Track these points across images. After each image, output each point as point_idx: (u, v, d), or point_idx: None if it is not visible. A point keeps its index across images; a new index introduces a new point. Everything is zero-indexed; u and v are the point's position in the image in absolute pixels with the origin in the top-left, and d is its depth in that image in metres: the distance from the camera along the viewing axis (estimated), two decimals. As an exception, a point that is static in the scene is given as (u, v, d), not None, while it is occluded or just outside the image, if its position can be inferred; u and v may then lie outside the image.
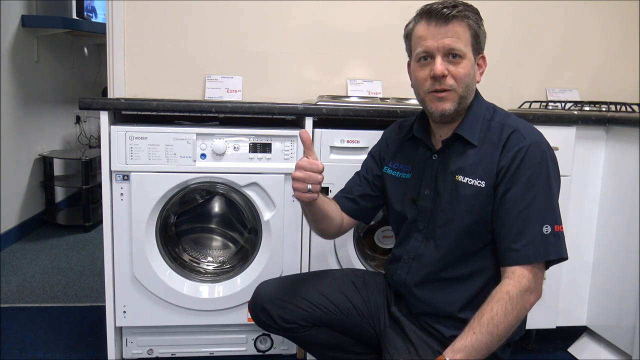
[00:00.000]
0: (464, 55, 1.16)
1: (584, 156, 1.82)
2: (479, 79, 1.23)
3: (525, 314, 1.14)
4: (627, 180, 1.74)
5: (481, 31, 1.20)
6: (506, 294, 1.10)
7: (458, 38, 1.15)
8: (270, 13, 2.13)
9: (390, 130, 1.45)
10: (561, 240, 1.14)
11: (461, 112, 1.22)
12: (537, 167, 1.14)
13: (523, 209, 1.13)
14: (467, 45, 1.17)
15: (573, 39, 2.35)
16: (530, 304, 1.13)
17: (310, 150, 1.20)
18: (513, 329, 1.12)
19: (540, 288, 1.14)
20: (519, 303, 1.10)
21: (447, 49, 1.15)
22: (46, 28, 3.38)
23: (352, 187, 1.42)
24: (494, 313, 1.09)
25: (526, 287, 1.11)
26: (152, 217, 1.64)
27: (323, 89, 2.19)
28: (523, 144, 1.15)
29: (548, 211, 1.14)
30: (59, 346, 1.92)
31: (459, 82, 1.17)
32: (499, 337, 1.09)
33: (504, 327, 1.09)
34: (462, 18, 1.16)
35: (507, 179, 1.15)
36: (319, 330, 1.34)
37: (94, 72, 4.31)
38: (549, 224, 1.13)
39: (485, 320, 1.08)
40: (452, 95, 1.18)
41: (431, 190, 1.26)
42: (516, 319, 1.10)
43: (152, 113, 1.64)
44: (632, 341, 1.70)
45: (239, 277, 1.73)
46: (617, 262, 1.78)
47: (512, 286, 1.11)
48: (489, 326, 1.08)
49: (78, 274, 2.66)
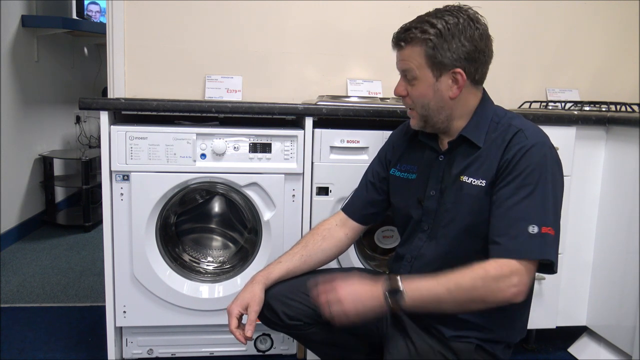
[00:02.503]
0: (417, 77, 1.20)
1: (584, 156, 1.82)
2: (456, 94, 1.20)
3: (492, 302, 1.09)
4: (627, 180, 1.74)
5: (443, 49, 1.16)
6: (483, 271, 1.08)
7: (408, 61, 1.20)
8: (270, 13, 2.13)
9: (397, 132, 1.46)
10: (547, 242, 1.11)
11: (438, 125, 1.24)
12: (534, 167, 1.13)
13: (512, 206, 1.12)
14: (420, 67, 1.19)
15: (573, 39, 2.35)
16: (505, 297, 1.07)
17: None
18: (469, 308, 1.11)
19: (524, 288, 1.09)
20: (491, 285, 1.07)
21: (401, 71, 1.23)
22: (46, 28, 3.38)
23: (360, 195, 1.44)
24: (463, 279, 1.08)
25: (507, 276, 1.07)
26: (152, 217, 1.64)
27: (323, 89, 2.19)
28: (525, 143, 1.15)
29: (538, 212, 1.12)
30: (59, 346, 1.92)
31: (415, 102, 1.23)
32: (453, 302, 1.09)
33: (463, 298, 1.08)
34: (414, 43, 1.18)
35: (504, 176, 1.15)
36: (323, 328, 1.34)
37: (94, 72, 4.31)
38: (536, 224, 1.10)
39: (453, 280, 1.08)
40: (414, 114, 1.26)
41: (437, 191, 1.26)
42: (480, 298, 1.08)
43: (152, 113, 1.64)
44: (632, 341, 1.70)
45: (239, 277, 1.73)
46: (617, 262, 1.78)
47: (493, 268, 1.09)
48: (452, 286, 1.08)
49: (78, 274, 2.66)
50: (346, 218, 1.43)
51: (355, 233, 1.43)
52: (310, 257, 1.37)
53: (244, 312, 1.27)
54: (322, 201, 1.70)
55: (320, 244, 1.39)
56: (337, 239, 1.40)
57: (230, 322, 1.26)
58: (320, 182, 1.70)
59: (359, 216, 1.42)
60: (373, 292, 1.12)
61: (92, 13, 3.62)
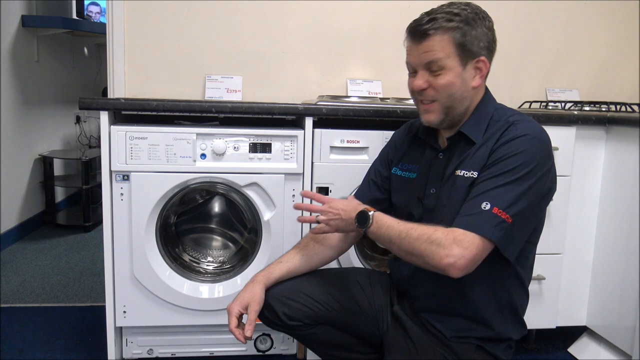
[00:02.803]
0: (444, 67, 1.17)
1: (584, 156, 1.82)
2: (478, 83, 1.22)
3: (429, 265, 1.09)
4: (627, 180, 1.74)
5: (471, 37, 1.17)
6: (432, 232, 1.10)
7: (435, 51, 1.17)
8: (270, 13, 2.13)
9: (399, 131, 1.47)
10: (497, 223, 1.09)
11: (456, 119, 1.23)
12: (512, 155, 1.13)
13: (478, 186, 1.14)
14: (448, 56, 1.17)
15: (573, 39, 2.35)
16: (439, 263, 1.07)
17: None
18: (412, 261, 1.14)
19: (463, 262, 1.06)
20: (431, 248, 1.08)
21: (424, 64, 1.19)
22: (46, 28, 3.38)
23: (363, 194, 1.44)
24: (415, 232, 1.12)
25: (448, 243, 1.07)
26: (152, 217, 1.64)
27: (323, 89, 2.19)
28: (514, 134, 1.16)
29: (498, 194, 1.11)
30: (59, 346, 1.92)
31: (441, 93, 1.20)
32: (399, 248, 1.15)
33: (407, 247, 1.13)
34: (442, 31, 1.16)
35: (488, 164, 1.16)
36: (323, 329, 1.34)
37: (94, 72, 4.31)
38: (489, 202, 1.10)
39: (409, 228, 1.13)
40: (435, 107, 1.22)
41: (437, 189, 1.27)
42: (419, 254, 1.10)
43: (152, 113, 1.64)
44: (632, 341, 1.70)
45: (239, 277, 1.73)
46: (617, 262, 1.78)
47: (441, 233, 1.09)
48: (404, 233, 1.13)
49: (78, 274, 2.66)
50: None
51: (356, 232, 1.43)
52: (310, 257, 1.37)
53: (244, 311, 1.27)
54: (322, 201, 1.70)
55: (320, 244, 1.39)
56: (337, 239, 1.40)
57: (230, 321, 1.26)
58: (320, 182, 1.70)
59: None
60: (352, 211, 1.24)
61: (92, 14, 3.62)
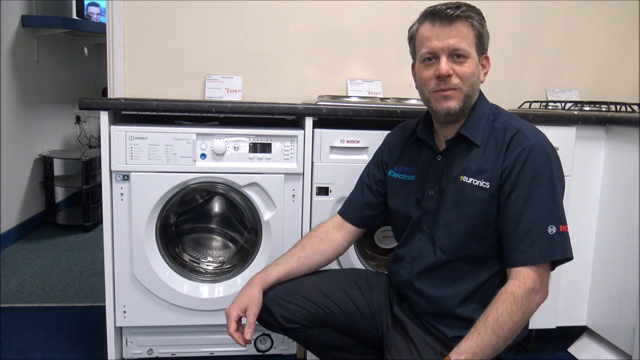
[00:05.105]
0: (468, 55, 1.18)
1: (584, 156, 1.82)
2: (483, 79, 1.24)
3: (530, 315, 1.14)
4: (627, 180, 1.74)
5: (484, 31, 1.21)
6: (511, 295, 1.11)
7: (462, 38, 1.17)
8: (270, 13, 2.13)
9: (392, 134, 1.46)
10: (566, 240, 1.15)
11: (465, 111, 1.23)
12: (540, 168, 1.15)
13: (527, 210, 1.14)
14: (471, 45, 1.18)
15: (573, 39, 2.35)
16: (536, 305, 1.13)
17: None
18: (519, 330, 1.12)
19: (546, 289, 1.14)
20: (524, 304, 1.10)
21: (452, 49, 1.17)
22: (46, 28, 3.38)
23: (356, 197, 1.44)
24: (499, 314, 1.09)
25: (531, 288, 1.11)
26: (152, 217, 1.64)
27: (323, 89, 2.19)
28: (526, 145, 1.16)
29: (552, 211, 1.14)
30: (59, 346, 1.92)
31: (464, 81, 1.19)
32: (505, 338, 1.09)
33: (509, 328, 1.09)
34: (466, 18, 1.17)
35: (511, 180, 1.16)
36: (321, 331, 1.34)
37: (94, 72, 4.31)
38: (553, 224, 1.13)
39: (490, 321, 1.09)
40: (457, 94, 1.19)
41: (435, 191, 1.26)
42: (522, 319, 1.11)
43: (152, 113, 1.64)
44: (632, 341, 1.70)
45: (239, 277, 1.73)
46: (617, 262, 1.78)
47: (517, 287, 1.11)
48: (494, 327, 1.08)
49: (78, 274, 2.66)
50: (343, 221, 1.43)
51: (352, 235, 1.43)
52: (308, 259, 1.37)
53: (243, 314, 1.27)
54: (322, 201, 1.70)
55: (317, 246, 1.39)
56: (334, 241, 1.40)
57: (229, 325, 1.26)
58: (320, 182, 1.70)
59: (355, 219, 1.42)
60: None
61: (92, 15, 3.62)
